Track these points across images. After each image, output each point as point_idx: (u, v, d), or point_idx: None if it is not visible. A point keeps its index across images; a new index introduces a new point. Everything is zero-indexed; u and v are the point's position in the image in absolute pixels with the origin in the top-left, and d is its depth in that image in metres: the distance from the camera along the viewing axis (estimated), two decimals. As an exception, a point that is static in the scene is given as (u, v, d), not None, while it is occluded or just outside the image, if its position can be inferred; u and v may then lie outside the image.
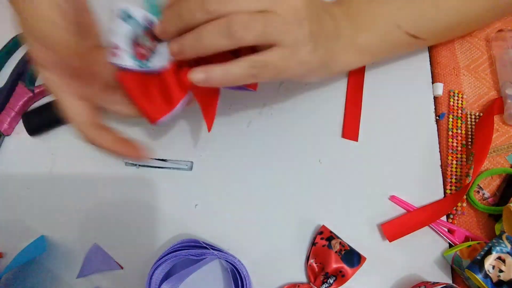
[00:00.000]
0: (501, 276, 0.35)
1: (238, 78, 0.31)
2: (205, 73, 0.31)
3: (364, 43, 0.39)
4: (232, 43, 0.30)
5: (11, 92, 0.46)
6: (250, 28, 0.29)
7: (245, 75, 0.31)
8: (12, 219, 0.43)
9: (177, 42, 0.31)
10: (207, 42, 0.30)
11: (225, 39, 0.29)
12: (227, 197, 0.44)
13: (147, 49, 0.33)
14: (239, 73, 0.31)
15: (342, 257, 0.39)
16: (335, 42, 0.37)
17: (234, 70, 0.31)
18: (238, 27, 0.29)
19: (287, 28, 0.31)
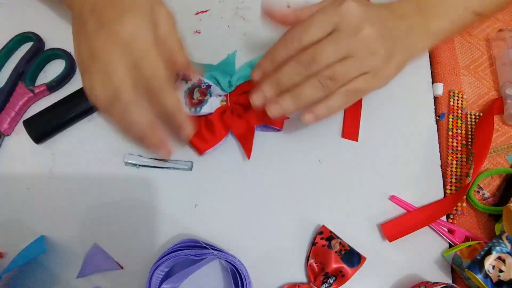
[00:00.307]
0: (501, 276, 0.35)
1: (337, 108, 0.38)
2: (313, 113, 0.37)
3: (436, 28, 0.41)
4: (325, 93, 0.37)
5: (11, 92, 0.46)
6: (337, 79, 0.36)
7: (343, 104, 0.38)
8: (12, 219, 0.43)
9: (279, 105, 0.38)
10: (305, 100, 0.37)
11: (320, 92, 0.37)
12: (227, 197, 0.44)
13: (197, 100, 0.44)
14: (338, 104, 0.38)
15: (342, 257, 0.39)
16: (410, 39, 0.40)
17: (334, 103, 0.37)
18: (328, 82, 0.36)
19: (366, 64, 0.37)
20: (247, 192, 0.44)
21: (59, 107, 0.46)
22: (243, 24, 0.51)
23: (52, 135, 0.46)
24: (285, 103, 0.37)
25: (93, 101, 0.34)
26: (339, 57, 0.36)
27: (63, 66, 0.48)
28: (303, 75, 0.37)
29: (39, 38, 0.49)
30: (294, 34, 0.37)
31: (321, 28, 0.37)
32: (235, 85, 0.45)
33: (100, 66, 0.33)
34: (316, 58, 0.36)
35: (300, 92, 0.37)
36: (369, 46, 0.37)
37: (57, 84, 0.47)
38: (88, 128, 0.46)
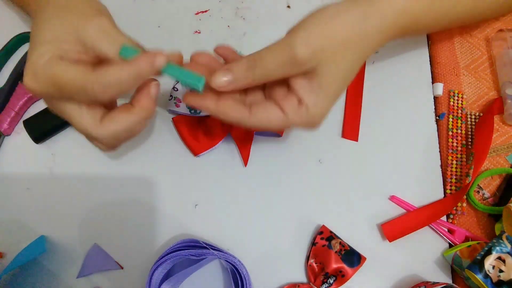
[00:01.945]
0: (501, 276, 0.35)
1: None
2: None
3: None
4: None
5: (11, 92, 0.46)
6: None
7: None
8: (12, 219, 0.43)
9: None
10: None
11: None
12: (227, 197, 0.44)
13: None
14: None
15: (342, 257, 0.39)
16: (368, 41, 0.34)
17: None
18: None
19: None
20: (247, 192, 0.44)
21: (59, 107, 0.46)
22: (243, 24, 0.51)
23: (52, 135, 0.46)
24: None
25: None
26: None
27: (63, 66, 0.48)
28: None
29: (39, 38, 0.49)
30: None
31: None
32: None
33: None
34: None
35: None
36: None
37: (57, 84, 0.47)
38: (88, 128, 0.46)
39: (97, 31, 0.32)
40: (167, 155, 0.45)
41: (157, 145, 0.45)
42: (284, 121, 0.33)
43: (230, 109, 0.33)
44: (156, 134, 0.46)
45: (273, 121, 0.33)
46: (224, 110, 0.33)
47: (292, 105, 0.33)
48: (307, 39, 0.31)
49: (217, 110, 0.33)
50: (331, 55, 0.31)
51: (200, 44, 0.49)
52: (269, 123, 0.33)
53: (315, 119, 0.33)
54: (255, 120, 0.33)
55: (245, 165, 0.44)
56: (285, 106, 0.33)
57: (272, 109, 0.33)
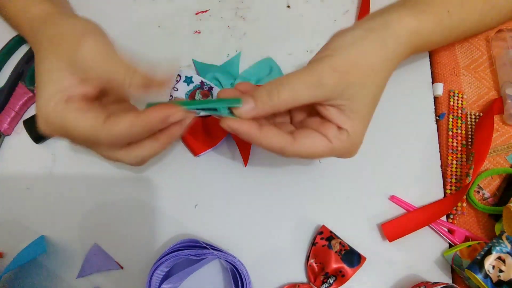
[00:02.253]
0: (501, 276, 0.35)
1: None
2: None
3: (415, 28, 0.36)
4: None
5: (11, 92, 0.46)
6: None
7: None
8: (12, 219, 0.43)
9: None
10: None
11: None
12: (227, 197, 0.44)
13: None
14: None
15: (342, 257, 0.39)
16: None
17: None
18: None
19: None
20: (247, 192, 0.44)
21: (59, 107, 0.46)
22: (243, 24, 0.51)
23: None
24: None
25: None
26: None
27: (63, 66, 0.48)
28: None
29: (39, 38, 0.49)
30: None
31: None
32: None
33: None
34: None
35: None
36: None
37: (57, 84, 0.47)
38: (88, 128, 0.46)
39: (89, 55, 0.32)
40: (167, 155, 0.45)
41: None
42: (329, 147, 0.33)
43: (273, 135, 0.32)
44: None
45: (318, 147, 0.33)
46: (267, 136, 0.32)
47: (333, 131, 0.32)
48: (333, 64, 0.31)
49: (261, 136, 0.32)
50: (358, 79, 0.32)
51: (200, 44, 0.50)
52: (314, 150, 0.33)
53: (355, 143, 0.33)
54: (299, 147, 0.32)
55: (245, 165, 0.44)
56: (327, 133, 0.32)
57: (316, 135, 0.33)
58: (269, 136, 0.32)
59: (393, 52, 0.33)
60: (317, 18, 0.51)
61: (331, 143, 0.33)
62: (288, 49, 0.49)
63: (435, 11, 0.36)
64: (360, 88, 0.32)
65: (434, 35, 0.37)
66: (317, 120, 0.34)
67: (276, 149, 0.33)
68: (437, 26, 0.37)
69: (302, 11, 0.51)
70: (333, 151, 0.33)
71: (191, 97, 0.45)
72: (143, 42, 0.50)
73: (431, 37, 0.37)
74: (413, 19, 0.35)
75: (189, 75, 0.45)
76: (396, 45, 0.34)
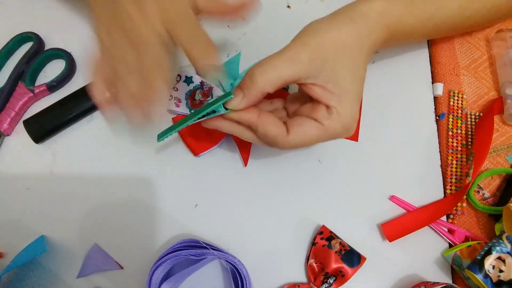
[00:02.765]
0: (501, 276, 0.35)
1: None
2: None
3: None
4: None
5: (11, 92, 0.46)
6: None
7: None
8: (12, 219, 0.43)
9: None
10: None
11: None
12: (227, 197, 0.44)
13: (199, 101, 0.45)
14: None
15: (342, 257, 0.39)
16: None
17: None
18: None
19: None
20: (247, 192, 0.44)
21: (59, 107, 0.46)
22: (243, 24, 0.50)
23: (52, 135, 0.46)
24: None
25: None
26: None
27: (63, 66, 0.48)
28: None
29: (39, 38, 0.49)
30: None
31: None
32: None
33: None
34: None
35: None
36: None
37: (57, 84, 0.47)
38: (88, 128, 0.46)
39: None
40: (167, 155, 0.45)
41: (157, 145, 0.45)
42: (321, 129, 0.33)
43: (270, 123, 0.33)
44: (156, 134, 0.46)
45: (311, 133, 0.33)
46: (264, 122, 0.33)
47: (322, 113, 0.33)
48: (304, 40, 0.33)
49: (258, 121, 0.33)
50: (331, 54, 0.33)
51: (200, 44, 0.49)
52: (308, 137, 0.33)
53: (347, 121, 0.34)
54: (293, 138, 0.33)
55: (245, 165, 0.44)
56: (316, 116, 0.33)
57: (307, 121, 0.33)
58: (266, 123, 0.33)
59: (363, 29, 0.34)
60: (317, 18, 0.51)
61: (323, 125, 0.33)
62: (288, 49, 0.49)
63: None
64: (335, 63, 0.33)
65: (406, 16, 0.37)
66: (309, 106, 0.35)
67: (270, 138, 0.34)
68: (408, 7, 0.37)
69: (302, 11, 0.51)
70: (326, 132, 0.33)
71: (191, 97, 0.45)
72: (143, 42, 0.50)
73: (402, 18, 0.37)
74: (381, 1, 0.36)
75: (189, 75, 0.45)
76: (365, 23, 0.35)
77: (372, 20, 0.35)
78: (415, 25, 0.39)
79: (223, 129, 0.35)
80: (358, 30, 0.34)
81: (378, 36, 0.36)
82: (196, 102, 0.45)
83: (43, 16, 0.51)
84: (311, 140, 0.34)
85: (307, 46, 0.32)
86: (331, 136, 0.34)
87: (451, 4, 0.40)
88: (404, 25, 0.38)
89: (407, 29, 0.38)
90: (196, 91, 0.45)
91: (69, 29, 0.51)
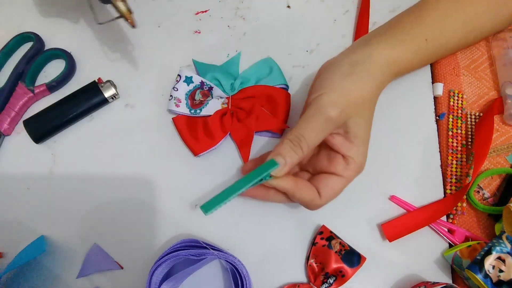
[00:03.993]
0: (501, 276, 0.35)
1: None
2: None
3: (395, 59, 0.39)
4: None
5: (11, 92, 0.46)
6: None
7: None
8: (12, 219, 0.43)
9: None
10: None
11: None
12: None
13: (199, 101, 0.45)
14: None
15: (342, 257, 0.39)
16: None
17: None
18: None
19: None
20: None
21: (59, 107, 0.46)
22: (243, 24, 0.51)
23: (52, 135, 0.46)
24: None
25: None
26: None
27: (63, 66, 0.48)
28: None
29: (39, 38, 0.49)
30: None
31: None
32: (238, 89, 0.45)
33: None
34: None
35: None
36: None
37: (57, 84, 0.47)
38: (88, 128, 0.47)
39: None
40: (167, 155, 0.45)
41: (157, 145, 0.45)
42: (343, 182, 0.37)
43: (305, 188, 0.36)
44: (156, 134, 0.46)
45: (337, 188, 0.37)
46: (301, 189, 0.36)
47: (341, 165, 0.37)
48: (333, 100, 0.36)
49: (296, 190, 0.36)
50: (355, 109, 0.36)
51: (200, 44, 0.50)
52: (335, 192, 0.37)
53: (361, 165, 0.37)
54: (324, 198, 0.37)
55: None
56: (336, 169, 0.37)
57: (330, 179, 0.37)
58: (303, 189, 0.36)
59: (378, 81, 0.38)
60: (317, 18, 0.51)
61: (344, 177, 0.37)
62: (288, 49, 0.49)
63: (413, 40, 0.39)
64: (357, 117, 0.36)
65: (413, 62, 0.40)
66: (325, 159, 0.38)
67: (305, 202, 0.37)
68: (416, 54, 0.40)
69: (302, 11, 0.51)
70: (347, 181, 0.37)
71: (191, 97, 0.45)
72: (143, 42, 0.50)
73: (409, 63, 0.40)
74: (392, 51, 0.38)
75: (189, 75, 0.45)
76: (379, 74, 0.38)
77: (385, 72, 0.38)
78: (419, 65, 0.42)
79: (258, 196, 0.39)
80: (375, 85, 0.37)
81: (386, 83, 0.39)
82: (196, 102, 0.45)
83: (43, 16, 0.51)
84: (337, 194, 0.37)
85: (336, 107, 0.35)
86: (350, 183, 0.38)
87: (452, 39, 0.42)
88: (410, 68, 0.41)
89: (411, 70, 0.41)
90: (196, 91, 0.45)
91: (69, 29, 0.51)
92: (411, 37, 0.39)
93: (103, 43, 0.50)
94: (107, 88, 0.46)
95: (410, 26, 0.40)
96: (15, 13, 0.51)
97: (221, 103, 0.45)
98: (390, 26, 0.41)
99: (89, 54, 0.49)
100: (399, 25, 0.40)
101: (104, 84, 0.46)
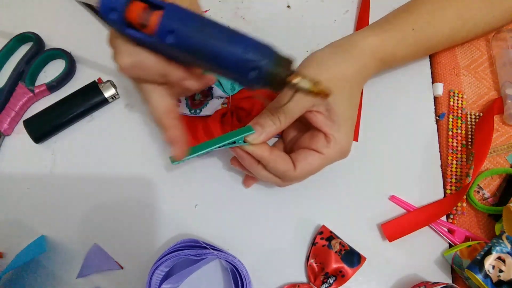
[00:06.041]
0: (501, 276, 0.35)
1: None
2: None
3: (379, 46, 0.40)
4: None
5: (11, 92, 0.46)
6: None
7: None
8: (12, 219, 0.43)
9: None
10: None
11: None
12: (227, 197, 0.44)
13: (199, 101, 0.45)
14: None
15: (342, 257, 0.39)
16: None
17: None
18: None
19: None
20: (247, 192, 0.44)
21: (59, 107, 0.46)
22: (243, 24, 0.51)
23: (52, 135, 0.46)
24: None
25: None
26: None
27: (63, 66, 0.48)
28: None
29: (39, 38, 0.49)
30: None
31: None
32: (238, 89, 0.45)
33: None
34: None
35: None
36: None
37: (57, 84, 0.47)
38: (88, 128, 0.47)
39: None
40: (167, 155, 0.45)
41: (157, 145, 0.45)
42: (322, 159, 0.36)
43: (280, 159, 0.36)
44: (156, 134, 0.46)
45: (314, 164, 0.36)
46: (275, 159, 0.36)
47: (322, 142, 0.36)
48: (313, 74, 0.35)
49: (270, 158, 0.36)
50: (336, 87, 0.35)
51: (200, 44, 0.49)
52: (312, 168, 0.37)
53: (344, 145, 0.37)
54: (299, 170, 0.36)
55: None
56: (316, 146, 0.36)
57: (309, 154, 0.37)
58: (277, 159, 0.36)
59: (360, 63, 0.38)
60: (317, 18, 0.51)
61: (323, 154, 0.36)
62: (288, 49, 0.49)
63: (398, 29, 0.41)
64: (338, 95, 0.36)
65: (398, 49, 0.41)
66: (307, 136, 0.38)
67: (280, 173, 0.36)
68: (401, 42, 0.41)
69: (302, 11, 0.51)
70: (326, 160, 0.37)
71: (191, 97, 0.45)
72: (143, 42, 0.50)
73: (395, 51, 0.41)
74: (375, 38, 0.39)
75: None
76: (361, 57, 0.38)
77: (367, 56, 0.39)
78: (408, 54, 0.42)
79: (243, 158, 0.38)
80: (356, 65, 0.38)
81: (372, 69, 0.40)
82: (196, 102, 0.45)
83: (43, 16, 0.51)
84: (314, 170, 0.37)
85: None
86: (329, 162, 0.37)
87: (442, 31, 0.43)
88: (397, 56, 0.42)
89: (399, 58, 0.42)
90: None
91: (69, 29, 0.51)
92: (396, 26, 0.41)
93: (103, 43, 0.50)
94: (107, 88, 0.46)
95: (396, 17, 0.41)
96: (15, 13, 0.51)
97: (221, 103, 0.45)
98: (378, 20, 0.42)
99: (89, 54, 0.49)
100: (387, 17, 0.42)
101: (104, 84, 0.46)
